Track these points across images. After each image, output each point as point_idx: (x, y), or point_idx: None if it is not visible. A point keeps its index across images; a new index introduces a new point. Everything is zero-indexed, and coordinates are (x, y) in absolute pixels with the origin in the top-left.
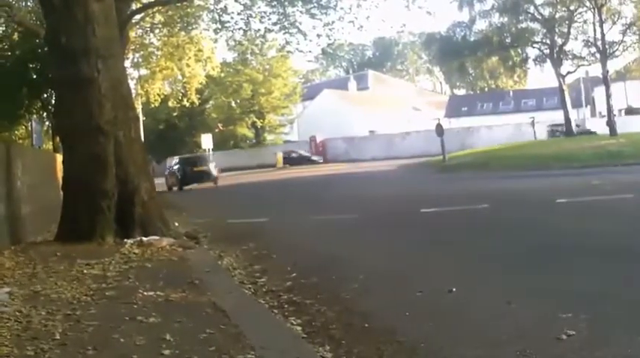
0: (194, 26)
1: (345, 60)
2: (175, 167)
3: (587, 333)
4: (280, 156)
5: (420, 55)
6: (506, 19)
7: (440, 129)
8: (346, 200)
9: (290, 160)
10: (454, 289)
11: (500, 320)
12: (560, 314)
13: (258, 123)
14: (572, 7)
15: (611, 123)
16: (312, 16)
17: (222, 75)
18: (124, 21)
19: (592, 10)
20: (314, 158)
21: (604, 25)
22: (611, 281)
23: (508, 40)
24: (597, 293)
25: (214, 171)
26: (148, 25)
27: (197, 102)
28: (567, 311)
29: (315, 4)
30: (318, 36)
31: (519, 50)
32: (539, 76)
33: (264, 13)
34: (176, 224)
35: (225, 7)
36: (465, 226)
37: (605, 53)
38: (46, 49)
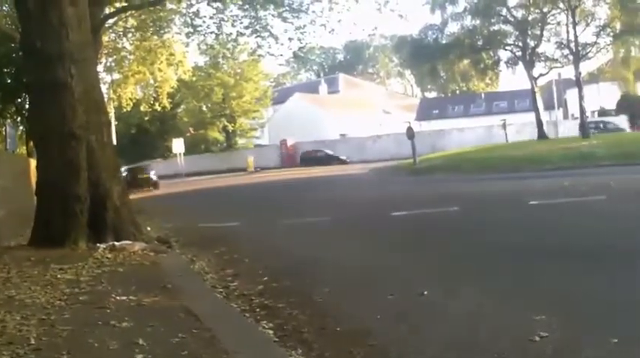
0: (166, 30)
1: (316, 63)
2: (123, 174)
3: (560, 335)
4: (251, 160)
5: (391, 58)
6: (478, 21)
7: (410, 132)
8: (317, 203)
9: (316, 160)
10: (425, 292)
11: (473, 322)
12: (534, 316)
13: (229, 127)
14: (545, 9)
15: (583, 125)
16: (284, 19)
17: (194, 79)
18: (97, 25)
19: (565, 11)
20: (342, 157)
21: (577, 26)
22: (583, 282)
23: (480, 43)
24: (570, 295)
25: (154, 178)
26: (121, 30)
27: (169, 106)
28: (540, 313)
29: (287, 8)
30: (290, 39)
31: (491, 53)
32: (511, 78)
33: (236, 16)
34: (148, 228)
35: (197, 10)
36: (435, 229)
37: (578, 55)
38: (21, 53)
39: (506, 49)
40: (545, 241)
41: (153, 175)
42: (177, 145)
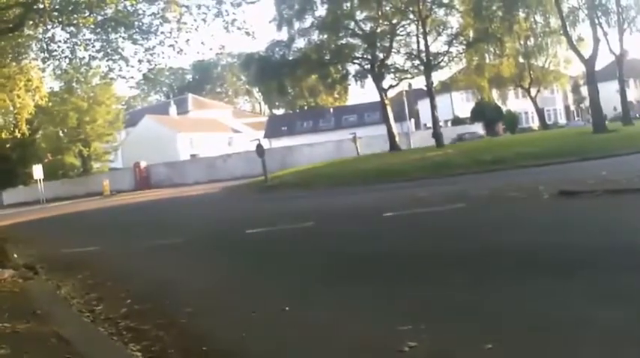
0: (24, 56)
1: (165, 84)
2: None
3: (429, 344)
4: (107, 183)
5: (239, 77)
6: (326, 36)
7: (260, 150)
8: (173, 225)
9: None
10: (287, 308)
11: (339, 334)
12: (400, 326)
13: (85, 152)
14: (394, 21)
15: (437, 135)
16: (134, 41)
17: (50, 104)
18: None
19: (416, 22)
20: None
21: (428, 36)
22: (445, 289)
23: (327, 57)
24: (437, 303)
25: None
26: None
27: (27, 132)
28: (406, 323)
29: (137, 30)
30: (140, 61)
31: (339, 67)
32: (361, 92)
33: (89, 40)
34: (15, 255)
35: (52, 35)
36: (292, 245)
37: (429, 65)
38: None
39: (354, 63)
40: (403, 251)
41: None
42: (37, 172)
